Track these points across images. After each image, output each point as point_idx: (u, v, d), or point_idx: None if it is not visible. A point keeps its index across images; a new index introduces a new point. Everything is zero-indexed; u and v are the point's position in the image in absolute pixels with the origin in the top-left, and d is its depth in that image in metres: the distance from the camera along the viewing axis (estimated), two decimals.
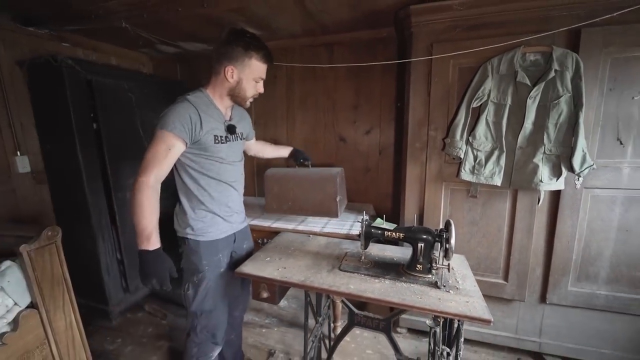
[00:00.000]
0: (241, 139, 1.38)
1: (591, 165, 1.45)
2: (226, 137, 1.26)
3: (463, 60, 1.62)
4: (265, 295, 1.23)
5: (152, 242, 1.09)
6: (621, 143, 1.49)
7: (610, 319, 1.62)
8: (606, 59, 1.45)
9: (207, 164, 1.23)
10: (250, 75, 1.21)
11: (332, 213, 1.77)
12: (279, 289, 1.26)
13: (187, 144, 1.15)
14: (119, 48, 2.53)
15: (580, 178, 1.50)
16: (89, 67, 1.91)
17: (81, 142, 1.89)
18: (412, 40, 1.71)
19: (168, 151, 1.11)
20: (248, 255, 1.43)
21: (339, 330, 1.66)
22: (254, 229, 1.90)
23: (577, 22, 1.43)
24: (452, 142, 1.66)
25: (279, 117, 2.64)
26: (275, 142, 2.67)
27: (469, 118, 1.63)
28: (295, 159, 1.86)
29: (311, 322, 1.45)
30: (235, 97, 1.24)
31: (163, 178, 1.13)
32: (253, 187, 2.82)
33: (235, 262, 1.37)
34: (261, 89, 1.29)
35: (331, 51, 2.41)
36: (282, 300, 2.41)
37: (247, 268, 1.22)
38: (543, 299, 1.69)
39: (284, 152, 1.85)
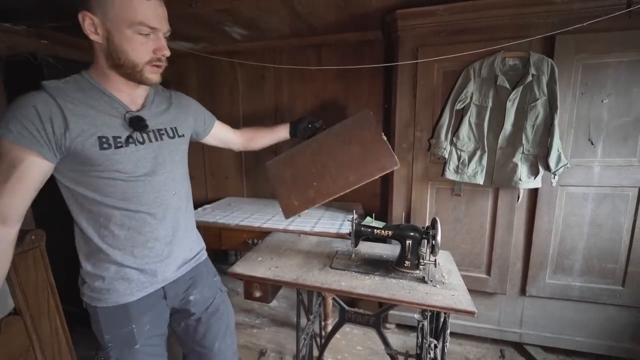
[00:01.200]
0: (172, 137, 0.90)
1: (565, 164, 1.55)
2: (128, 137, 0.79)
3: (447, 64, 1.68)
4: (258, 294, 1.23)
5: None
6: (592, 143, 1.59)
7: (583, 309, 1.72)
8: (578, 64, 1.54)
9: (102, 185, 0.78)
10: (119, 19, 0.71)
11: (388, 160, 1.10)
12: (271, 287, 1.26)
13: (47, 157, 0.71)
14: None
15: (555, 176, 1.59)
16: (71, 66, 1.85)
17: None
18: (398, 44, 1.76)
19: (11, 170, 0.68)
20: (212, 311, 1.02)
21: (329, 328, 1.70)
22: (243, 230, 1.90)
23: (552, 29, 1.52)
24: (437, 143, 1.72)
25: (268, 117, 2.65)
26: None
27: (453, 119, 1.69)
28: (302, 131, 1.28)
29: (303, 320, 1.47)
30: (121, 67, 0.76)
31: (15, 215, 0.72)
32: (242, 187, 2.82)
33: (184, 327, 1.00)
34: (162, 47, 0.78)
35: (319, 52, 2.44)
36: (272, 300, 2.42)
37: (240, 268, 1.23)
38: (523, 291, 1.78)
39: (281, 131, 1.30)
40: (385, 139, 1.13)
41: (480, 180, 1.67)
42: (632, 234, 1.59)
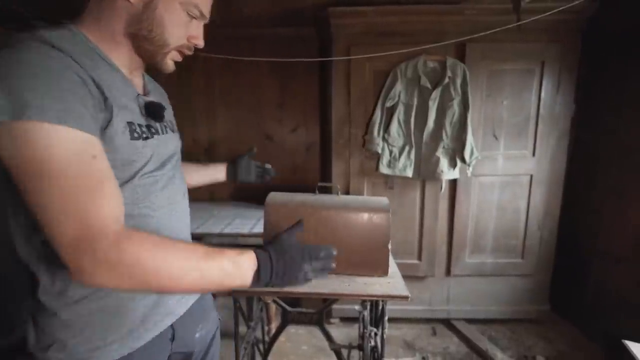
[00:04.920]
0: (173, 132, 0.74)
1: (477, 157, 1.76)
2: (149, 127, 0.62)
3: (377, 64, 1.77)
4: None
5: (243, 262, 0.59)
6: (496, 138, 1.84)
7: (494, 281, 1.99)
8: (484, 70, 1.77)
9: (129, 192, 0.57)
10: None
11: (381, 269, 1.13)
12: None
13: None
14: None
15: (470, 168, 1.80)
16: None
17: None
18: (332, 42, 1.79)
19: (92, 163, 0.48)
20: (215, 348, 0.81)
21: (274, 331, 1.63)
22: None
23: (463, 36, 1.71)
24: (370, 139, 1.79)
25: (197, 113, 2.44)
26: (195, 142, 2.46)
27: (384, 117, 1.79)
28: (242, 175, 1.12)
29: (243, 329, 1.38)
30: (145, 40, 0.58)
31: (122, 215, 0.52)
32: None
33: None
34: (199, 36, 0.64)
35: (253, 45, 2.33)
36: None
37: None
38: (448, 272, 1.97)
39: (215, 172, 1.09)
40: (390, 248, 1.15)
41: (409, 173, 1.80)
42: (527, 214, 1.90)
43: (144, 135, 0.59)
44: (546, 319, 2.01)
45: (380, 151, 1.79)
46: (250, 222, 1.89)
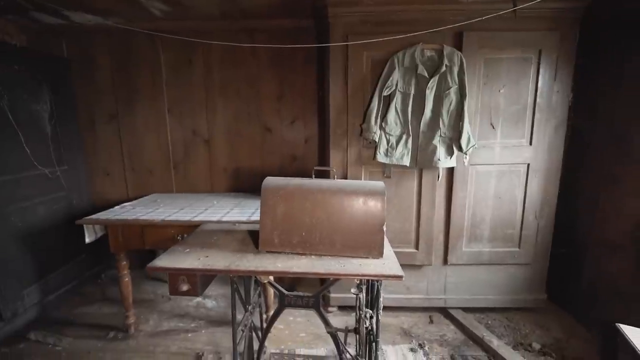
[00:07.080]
0: None
1: (474, 145, 1.77)
2: None
3: (375, 53, 1.77)
4: (185, 288, 1.11)
5: None
6: (493, 127, 1.85)
7: (492, 270, 2.00)
8: (481, 58, 1.78)
9: None
10: None
11: (376, 251, 1.14)
12: (201, 279, 1.16)
13: None
14: None
15: (467, 156, 1.81)
16: None
17: None
18: (329, 31, 1.79)
19: None
20: None
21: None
22: (171, 225, 1.72)
23: (458, 24, 1.71)
24: (368, 127, 1.80)
25: (197, 105, 2.45)
26: (194, 134, 2.48)
27: (382, 105, 1.79)
28: None
29: (241, 315, 1.39)
30: None
31: None
32: (170, 182, 2.56)
33: None
34: None
35: (252, 38, 2.35)
36: (210, 301, 2.26)
37: (162, 262, 1.10)
38: (445, 261, 1.99)
39: None
40: (385, 230, 1.17)
41: (406, 162, 1.80)
42: (524, 203, 1.91)
43: None
44: (542, 307, 2.02)
45: (377, 140, 1.80)
46: (249, 211, 1.90)
